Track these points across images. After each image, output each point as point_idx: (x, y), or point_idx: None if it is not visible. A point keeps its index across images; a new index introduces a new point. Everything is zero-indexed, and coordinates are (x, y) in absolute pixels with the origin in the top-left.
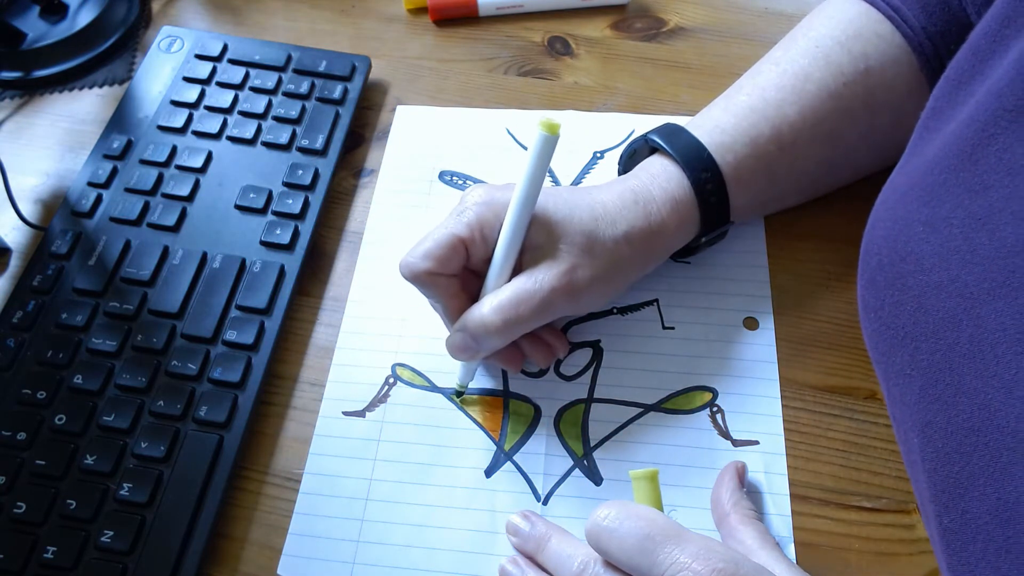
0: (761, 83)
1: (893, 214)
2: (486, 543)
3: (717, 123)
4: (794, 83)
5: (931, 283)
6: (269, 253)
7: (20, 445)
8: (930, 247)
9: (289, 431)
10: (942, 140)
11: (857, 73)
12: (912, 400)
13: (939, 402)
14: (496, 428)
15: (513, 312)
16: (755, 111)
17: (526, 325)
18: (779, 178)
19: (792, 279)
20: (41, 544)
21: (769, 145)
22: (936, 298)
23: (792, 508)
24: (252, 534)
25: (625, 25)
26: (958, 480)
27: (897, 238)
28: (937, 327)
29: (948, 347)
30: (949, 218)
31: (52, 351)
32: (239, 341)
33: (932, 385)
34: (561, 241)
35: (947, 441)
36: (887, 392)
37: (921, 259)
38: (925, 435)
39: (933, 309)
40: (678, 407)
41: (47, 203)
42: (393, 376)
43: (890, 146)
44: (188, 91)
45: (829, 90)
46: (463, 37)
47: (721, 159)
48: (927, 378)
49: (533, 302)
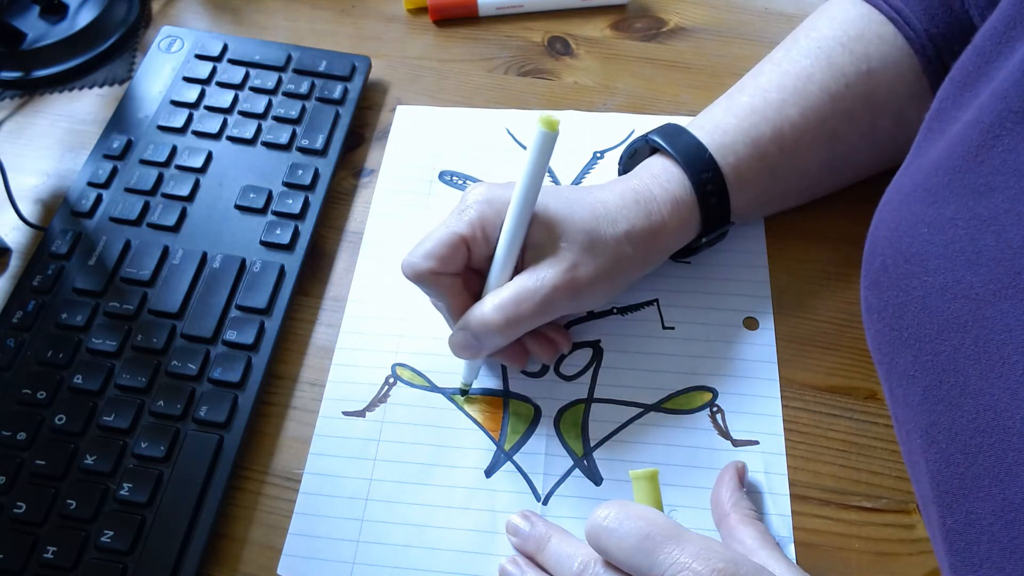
0: (763, 84)
1: (897, 215)
2: (486, 543)
3: (718, 124)
4: (796, 84)
5: (936, 285)
6: (269, 253)
7: (20, 445)
8: (935, 248)
9: (289, 431)
10: (946, 142)
11: (859, 74)
12: (916, 402)
13: (943, 404)
14: (496, 428)
15: (514, 310)
16: (756, 112)
17: (528, 323)
18: (780, 178)
19: (792, 279)
20: (41, 544)
21: (770, 146)
22: (941, 300)
23: (792, 508)
24: (252, 534)
25: (625, 25)
26: (963, 481)
27: (901, 239)
28: (942, 329)
29: (953, 349)
30: (954, 219)
31: (52, 351)
32: (239, 341)
33: (936, 387)
34: (562, 239)
35: (951, 442)
36: (889, 393)
37: (926, 260)
38: (929, 436)
39: (938, 311)
40: (678, 407)
41: (47, 203)
42: (393, 376)
43: (891, 147)
44: (188, 91)
45: (831, 91)
46: (463, 37)
47: (722, 160)
48: (931, 379)
49: (535, 300)
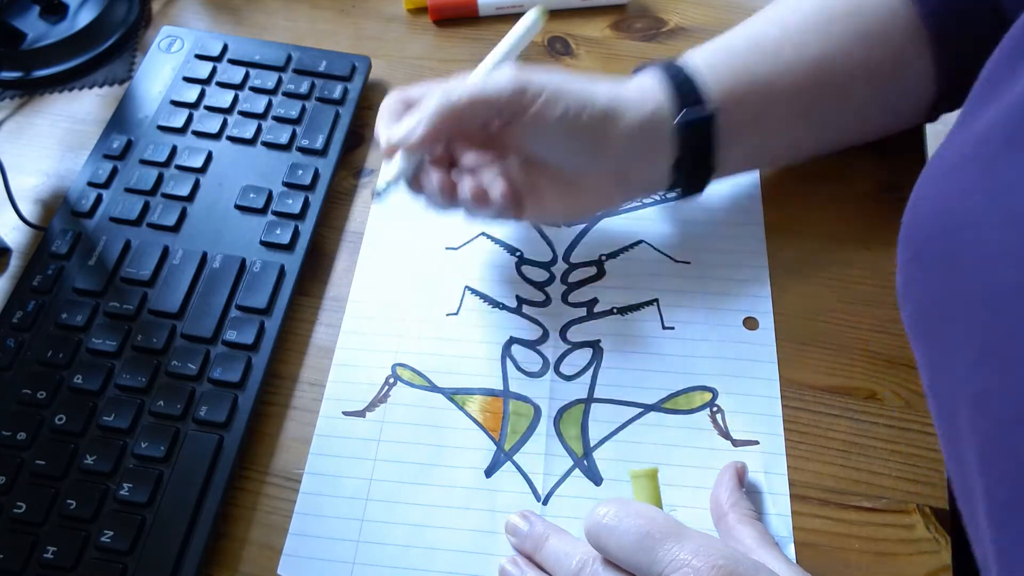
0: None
1: (942, 189)
2: (486, 543)
3: (693, 55)
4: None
5: (992, 252)
6: (269, 253)
7: (20, 445)
8: (991, 215)
9: (289, 431)
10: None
11: (849, 4)
12: (963, 371)
13: (998, 369)
14: (496, 428)
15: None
16: (735, 32)
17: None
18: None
19: (792, 279)
20: (41, 544)
21: (746, 51)
22: (999, 266)
23: (792, 508)
24: (252, 534)
25: (625, 25)
26: (1017, 448)
27: (951, 210)
28: (998, 294)
29: (1010, 314)
30: (1012, 184)
31: (52, 351)
32: (239, 341)
33: (990, 354)
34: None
35: (1005, 409)
36: (928, 366)
37: (979, 228)
38: (978, 404)
39: (994, 277)
40: (678, 407)
41: (47, 203)
42: (393, 376)
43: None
44: (188, 91)
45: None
46: (463, 37)
47: (692, 61)
48: (984, 347)
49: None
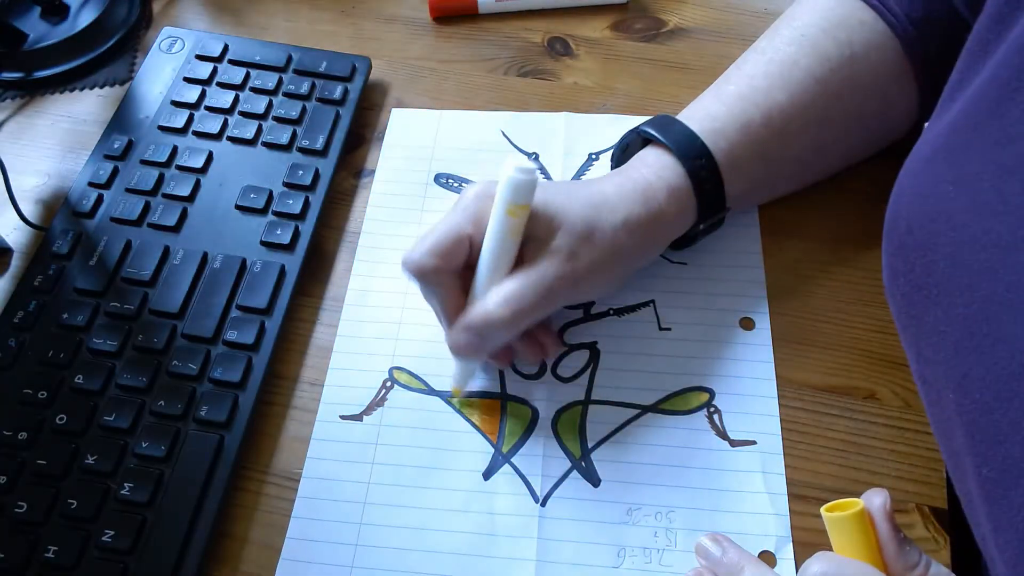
0: (748, 71)
1: (918, 181)
2: (485, 545)
3: (708, 112)
4: (781, 70)
5: (964, 239)
6: (269, 253)
7: (21, 445)
8: (960, 204)
9: (289, 431)
10: (963, 102)
11: (842, 58)
12: (946, 356)
13: (976, 353)
14: (494, 430)
15: (519, 304)
16: (744, 98)
17: (531, 316)
18: (772, 162)
19: (788, 279)
20: (42, 544)
21: (761, 130)
22: (970, 252)
23: (790, 508)
24: (253, 533)
25: (625, 26)
26: (999, 427)
27: (926, 200)
28: (972, 280)
29: (984, 298)
30: (978, 173)
31: (53, 351)
32: (239, 341)
33: (969, 337)
34: (561, 230)
35: (986, 390)
36: (916, 356)
37: (951, 216)
38: (962, 388)
39: (967, 263)
40: (675, 408)
41: (48, 203)
42: (390, 379)
43: (878, 129)
44: (189, 91)
45: (816, 75)
46: (463, 37)
47: (714, 145)
48: (963, 331)
49: (537, 292)
